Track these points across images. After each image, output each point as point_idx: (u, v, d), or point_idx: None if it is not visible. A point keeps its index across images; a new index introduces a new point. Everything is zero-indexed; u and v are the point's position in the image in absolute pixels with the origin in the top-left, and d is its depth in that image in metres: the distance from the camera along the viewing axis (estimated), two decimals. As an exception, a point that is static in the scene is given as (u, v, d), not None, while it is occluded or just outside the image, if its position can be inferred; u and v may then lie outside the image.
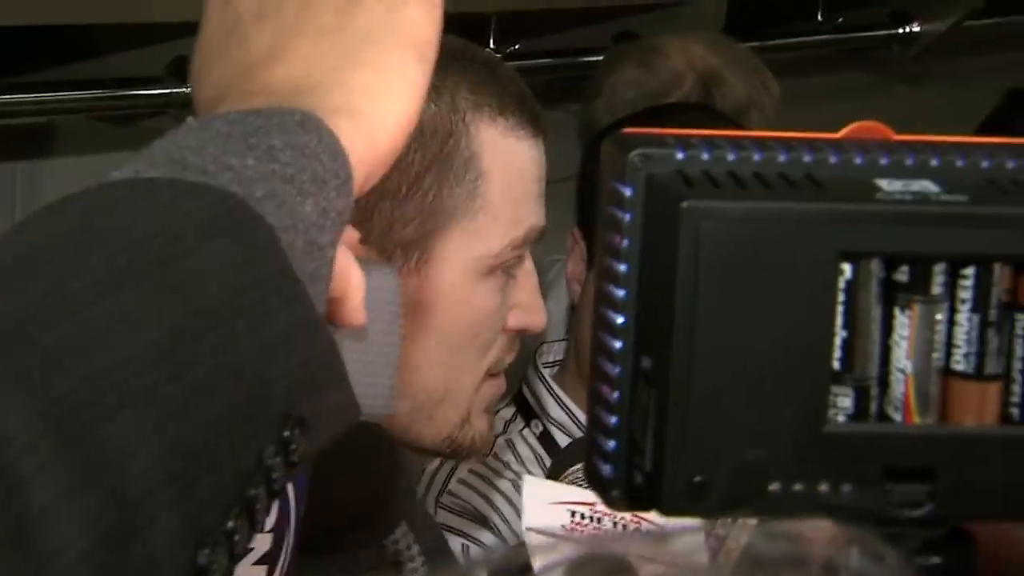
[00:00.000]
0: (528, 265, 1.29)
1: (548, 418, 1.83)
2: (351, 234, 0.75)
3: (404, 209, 1.23)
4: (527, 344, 1.38)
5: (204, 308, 0.60)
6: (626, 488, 0.65)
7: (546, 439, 1.81)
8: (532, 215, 1.28)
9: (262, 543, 0.93)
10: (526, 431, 1.83)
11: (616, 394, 0.65)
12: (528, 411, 1.84)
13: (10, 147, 2.01)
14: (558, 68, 2.49)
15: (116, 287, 0.58)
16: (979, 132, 2.02)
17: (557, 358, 1.90)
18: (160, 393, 0.57)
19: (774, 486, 0.63)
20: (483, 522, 1.67)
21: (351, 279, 0.71)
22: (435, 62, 0.73)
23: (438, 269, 1.24)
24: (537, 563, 1.07)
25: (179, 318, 0.59)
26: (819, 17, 2.82)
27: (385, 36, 0.72)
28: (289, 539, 0.94)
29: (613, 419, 0.65)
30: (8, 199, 2.02)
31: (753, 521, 1.04)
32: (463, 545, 1.64)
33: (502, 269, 1.26)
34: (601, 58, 2.26)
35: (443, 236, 1.24)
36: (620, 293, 0.65)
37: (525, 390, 1.85)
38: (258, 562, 0.93)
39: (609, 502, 0.66)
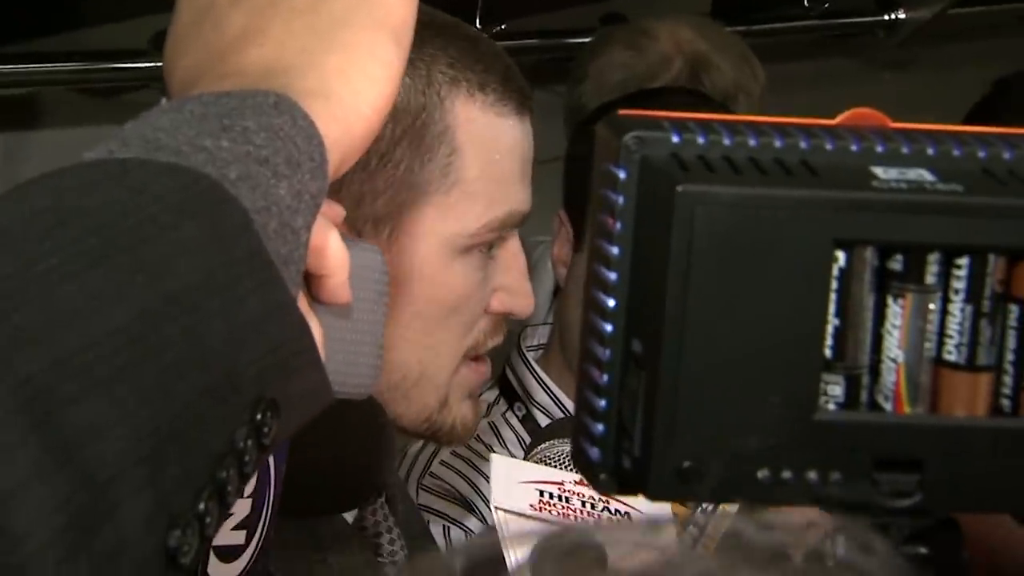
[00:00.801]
0: (514, 247, 1.28)
1: (531, 401, 1.82)
2: (336, 210, 0.74)
3: (374, 182, 1.22)
4: (511, 327, 1.37)
5: (175, 290, 0.59)
6: (614, 472, 0.65)
7: (529, 422, 1.81)
8: (513, 197, 1.25)
9: (242, 508, 0.92)
10: (509, 414, 1.82)
11: (605, 377, 0.65)
12: (511, 394, 1.84)
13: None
14: (544, 49, 2.48)
15: (86, 268, 0.57)
16: (966, 121, 2.02)
17: (541, 341, 1.89)
18: (130, 375, 0.56)
19: (763, 473, 0.63)
20: (465, 505, 1.67)
21: (336, 257, 0.71)
22: (411, 43, 0.72)
23: (410, 244, 1.23)
24: (507, 538, 1.07)
25: (150, 300, 0.58)
26: (805, 3, 2.81)
27: (359, 18, 0.71)
28: (269, 503, 0.94)
29: (602, 402, 0.65)
30: (-9, 170, 2.01)
31: (734, 507, 1.04)
32: (445, 527, 1.64)
33: (480, 248, 1.25)
34: (588, 40, 2.25)
35: (415, 211, 1.22)
36: (612, 276, 0.64)
37: (508, 373, 1.85)
38: (237, 527, 0.92)
39: (596, 485, 0.66)
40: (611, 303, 0.64)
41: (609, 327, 0.65)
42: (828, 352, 0.63)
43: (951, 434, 0.64)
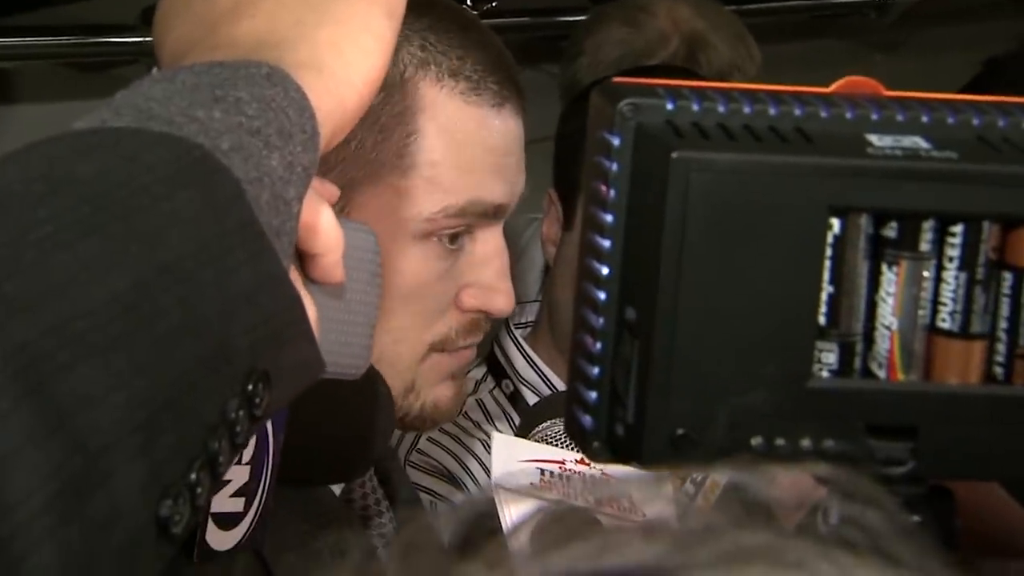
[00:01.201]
0: (492, 243, 1.23)
1: (519, 378, 1.82)
2: (330, 190, 0.74)
3: (325, 155, 1.20)
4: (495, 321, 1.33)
5: (169, 260, 0.59)
6: (607, 440, 0.65)
7: (516, 399, 1.81)
8: (481, 186, 1.20)
9: (240, 475, 0.92)
10: (496, 391, 1.82)
11: (599, 345, 0.65)
12: (499, 371, 1.83)
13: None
14: (535, 27, 2.47)
15: (80, 236, 0.57)
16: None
17: (530, 319, 1.89)
18: (123, 345, 0.56)
19: (756, 440, 0.63)
20: (453, 481, 1.67)
21: (329, 235, 0.71)
22: (402, 17, 0.72)
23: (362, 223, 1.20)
24: (507, 517, 1.07)
25: (144, 269, 0.58)
26: (796, -17, 2.80)
27: None
28: (267, 471, 0.94)
29: (595, 370, 0.65)
30: (-24, 145, 2.00)
31: (722, 478, 1.04)
32: (432, 503, 1.64)
33: (439, 236, 1.21)
34: (578, 18, 2.25)
35: (368, 189, 1.19)
36: (605, 243, 0.64)
37: (496, 350, 1.85)
38: (235, 494, 0.92)
39: (589, 453, 0.65)
40: (604, 271, 0.64)
41: (602, 295, 0.64)
42: (822, 319, 0.63)
43: (945, 401, 0.64)
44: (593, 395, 0.65)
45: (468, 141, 1.20)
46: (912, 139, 0.64)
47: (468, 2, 2.29)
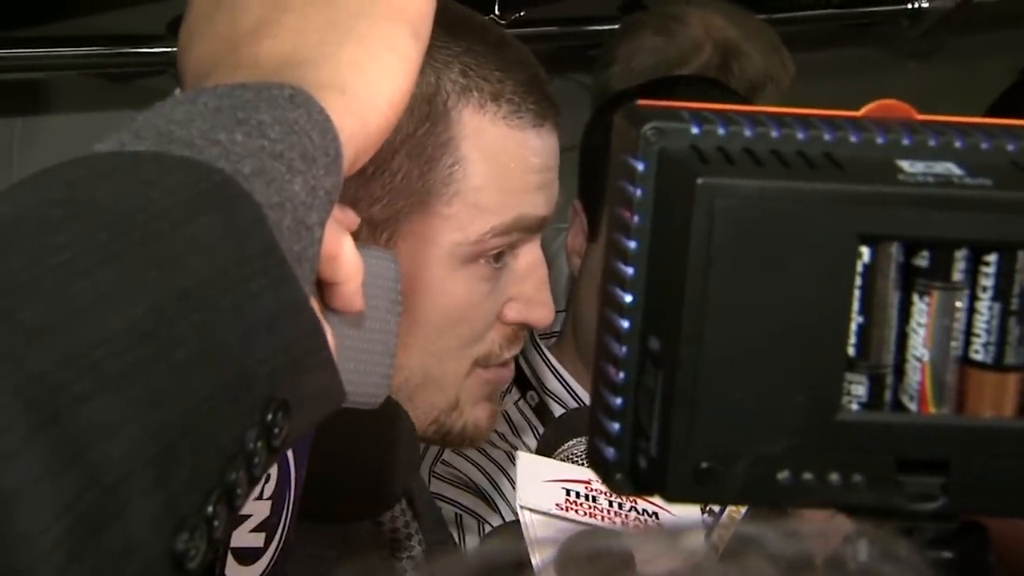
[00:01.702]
0: (531, 257, 1.24)
1: (544, 390, 1.81)
2: (351, 217, 0.73)
3: (370, 188, 1.19)
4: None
5: (187, 287, 0.58)
6: (630, 472, 0.63)
7: (542, 411, 1.79)
8: (524, 203, 1.21)
9: (261, 509, 0.91)
10: (521, 402, 1.81)
11: (622, 375, 0.63)
12: (524, 382, 1.82)
13: (9, 103, 1.98)
14: (564, 36, 2.46)
15: (97, 264, 0.56)
16: (991, 111, 1.99)
17: (555, 329, 1.88)
18: (140, 374, 0.55)
19: (783, 475, 0.61)
20: (478, 493, 1.66)
21: (349, 263, 0.69)
22: (429, 36, 0.71)
23: (410, 251, 1.19)
24: (533, 539, 1.05)
25: (162, 296, 0.57)
26: (827, -10, 2.79)
27: (376, 9, 0.70)
28: (288, 506, 0.92)
29: (618, 401, 0.63)
30: (6, 155, 2.00)
31: (740, 512, 1.02)
32: (457, 515, 1.63)
33: (486, 259, 1.21)
34: (607, 27, 2.24)
35: (415, 218, 1.19)
36: (629, 271, 0.63)
37: (521, 361, 1.83)
38: (256, 529, 0.91)
39: (612, 486, 0.64)
40: (628, 299, 0.63)
41: (626, 323, 0.63)
42: (851, 351, 0.61)
43: (978, 436, 0.62)
44: (616, 426, 0.64)
45: (512, 163, 1.21)
46: (945, 165, 0.62)
47: (496, 11, 2.28)
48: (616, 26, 2.22)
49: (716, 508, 1.03)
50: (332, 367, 0.64)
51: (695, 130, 0.63)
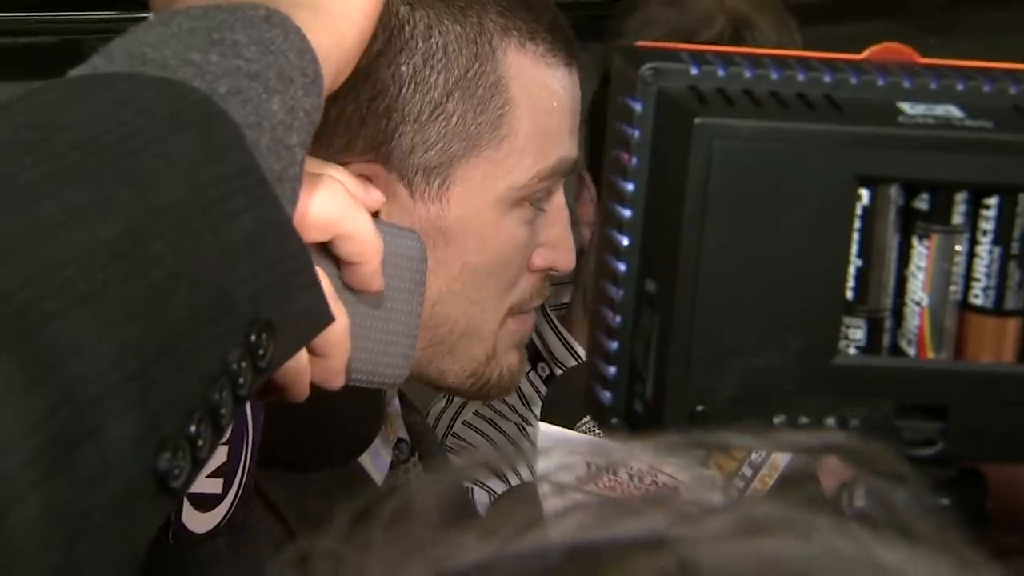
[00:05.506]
0: (559, 201, 1.25)
1: (555, 361, 1.80)
2: (375, 197, 0.72)
3: (426, 133, 1.19)
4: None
5: (163, 205, 0.57)
6: (625, 416, 0.63)
7: (552, 382, 1.79)
8: (563, 146, 1.23)
9: (218, 455, 0.90)
10: (532, 374, 1.80)
11: (618, 318, 0.63)
12: (535, 354, 1.81)
13: (27, 66, 1.98)
14: (576, 7, 2.45)
15: (68, 182, 0.55)
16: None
17: (564, 301, 1.87)
18: (114, 292, 0.54)
19: (779, 418, 0.61)
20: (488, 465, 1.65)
21: (368, 243, 0.69)
22: None
23: (462, 197, 1.20)
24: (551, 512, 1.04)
25: (135, 215, 0.56)
26: (848, -36, 2.77)
27: None
28: (246, 452, 0.91)
29: (614, 345, 0.63)
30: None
31: (784, 459, 1.01)
32: (467, 488, 1.62)
33: (530, 202, 1.23)
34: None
35: (466, 163, 1.20)
36: (626, 213, 0.62)
37: (533, 334, 1.82)
38: (213, 475, 0.90)
39: (608, 430, 0.64)
40: (625, 241, 0.62)
41: (622, 266, 0.62)
42: (849, 294, 0.61)
43: (977, 381, 0.61)
44: (612, 370, 0.63)
45: (552, 104, 1.22)
46: (946, 107, 0.61)
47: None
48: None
49: (757, 459, 1.02)
50: (318, 287, 0.64)
51: (694, 71, 0.62)
